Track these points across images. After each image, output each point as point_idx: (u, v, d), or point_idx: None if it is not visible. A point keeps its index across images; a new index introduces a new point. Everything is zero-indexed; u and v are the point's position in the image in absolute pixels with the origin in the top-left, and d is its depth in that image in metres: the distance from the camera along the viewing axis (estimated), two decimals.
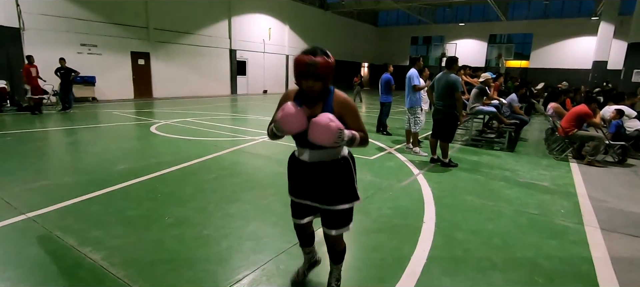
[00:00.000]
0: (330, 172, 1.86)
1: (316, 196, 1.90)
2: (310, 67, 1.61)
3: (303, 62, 1.61)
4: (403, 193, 4.11)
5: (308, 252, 2.25)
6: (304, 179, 1.91)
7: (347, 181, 1.89)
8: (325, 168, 1.85)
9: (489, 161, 5.82)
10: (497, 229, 3.21)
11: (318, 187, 1.88)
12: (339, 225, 1.92)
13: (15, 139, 6.50)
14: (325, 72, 1.63)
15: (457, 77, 5.15)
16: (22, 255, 2.57)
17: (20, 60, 11.41)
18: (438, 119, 5.37)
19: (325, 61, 1.62)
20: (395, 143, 7.00)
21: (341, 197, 1.88)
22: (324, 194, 1.88)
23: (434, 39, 30.70)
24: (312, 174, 1.87)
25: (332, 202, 1.87)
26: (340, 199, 1.88)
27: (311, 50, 1.64)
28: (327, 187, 1.86)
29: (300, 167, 1.91)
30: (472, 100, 7.24)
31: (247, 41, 19.77)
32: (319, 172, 1.86)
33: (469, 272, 2.49)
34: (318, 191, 1.88)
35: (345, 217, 1.91)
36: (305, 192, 1.92)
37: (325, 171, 1.85)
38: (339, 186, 1.87)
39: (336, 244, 2.01)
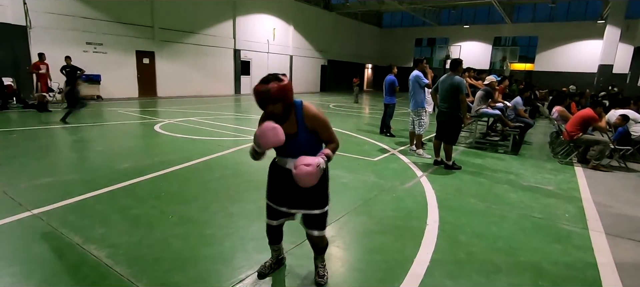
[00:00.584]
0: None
1: (297, 202, 2.07)
2: (264, 95, 1.80)
3: (258, 92, 1.81)
4: (406, 195, 4.10)
5: (276, 249, 2.41)
6: (286, 186, 2.04)
7: (324, 186, 2.09)
8: None
9: (493, 163, 5.79)
10: (501, 232, 3.19)
11: (300, 194, 2.02)
12: (320, 226, 2.13)
13: (21, 136, 6.56)
14: (280, 94, 1.81)
15: (461, 79, 5.14)
16: (27, 251, 2.59)
17: (26, 59, 11.50)
18: (442, 121, 5.35)
19: (277, 85, 1.79)
20: (399, 145, 6.98)
21: (321, 201, 2.08)
22: (306, 200, 2.05)
23: (438, 41, 30.62)
24: (289, 181, 1.97)
25: (315, 206, 2.07)
26: (318, 204, 2.07)
27: (264, 79, 1.83)
28: (309, 194, 2.02)
29: (282, 174, 2.04)
30: (476, 103, 7.21)
31: (251, 41, 19.81)
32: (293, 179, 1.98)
33: (473, 276, 2.48)
34: (300, 198, 2.04)
35: (322, 220, 2.13)
36: (286, 199, 2.08)
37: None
38: (319, 192, 2.05)
39: (320, 242, 2.21)
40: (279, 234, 2.31)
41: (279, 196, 2.09)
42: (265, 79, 1.83)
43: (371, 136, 7.87)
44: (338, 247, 2.84)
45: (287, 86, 1.84)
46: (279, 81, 1.82)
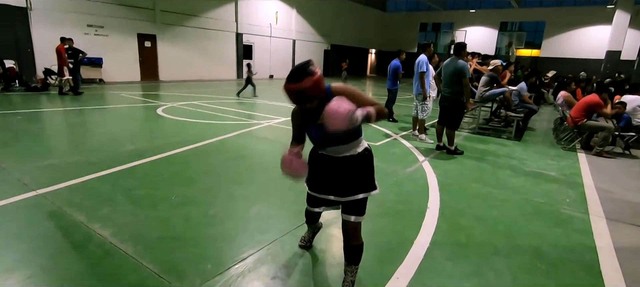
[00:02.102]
0: (355, 165, 1.89)
1: (338, 189, 1.93)
2: (299, 95, 1.65)
3: (292, 92, 1.65)
4: (408, 179, 4.12)
5: (313, 228, 2.50)
6: (327, 174, 1.94)
7: (368, 171, 1.95)
8: (350, 161, 1.88)
9: (495, 149, 5.78)
10: (501, 216, 3.21)
11: (341, 181, 1.91)
12: (357, 212, 1.93)
13: (25, 119, 6.59)
14: (315, 90, 1.64)
15: (465, 63, 5.08)
16: (34, 229, 2.63)
17: (27, 41, 11.47)
18: (445, 106, 5.32)
19: (310, 82, 1.61)
20: (401, 130, 6.97)
21: (361, 187, 1.92)
22: (346, 186, 1.91)
23: (443, 25, 30.16)
24: (336, 168, 1.90)
25: (353, 192, 1.91)
26: (360, 188, 1.92)
27: (295, 75, 1.63)
28: (350, 180, 1.90)
29: (324, 162, 1.92)
30: (481, 87, 7.15)
31: (253, 25, 19.61)
32: (344, 166, 1.89)
33: (472, 257, 2.50)
34: (340, 184, 1.92)
35: (363, 205, 1.95)
36: (327, 187, 1.96)
37: (350, 164, 1.89)
38: (361, 177, 1.92)
39: (355, 235, 1.98)
40: (318, 215, 2.35)
41: (324, 185, 1.97)
42: (296, 74, 1.62)
43: None
44: (339, 228, 2.86)
45: (319, 79, 1.64)
46: (311, 75, 1.61)
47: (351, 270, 2.04)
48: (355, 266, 2.03)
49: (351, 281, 2.04)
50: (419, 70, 6.00)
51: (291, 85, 1.62)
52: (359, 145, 1.90)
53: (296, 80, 1.61)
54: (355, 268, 2.04)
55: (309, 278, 2.22)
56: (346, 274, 2.06)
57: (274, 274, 2.23)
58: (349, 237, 1.99)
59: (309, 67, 1.63)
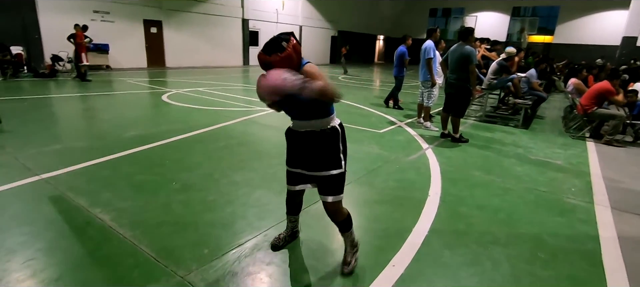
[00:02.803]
0: (318, 141, 1.94)
1: (307, 163, 2.00)
2: (267, 67, 1.72)
3: (261, 62, 1.75)
4: (410, 167, 4.08)
5: (293, 220, 2.37)
6: (296, 148, 2.03)
7: (333, 149, 1.96)
8: (314, 137, 1.94)
9: (501, 137, 5.69)
10: (503, 204, 3.17)
11: (308, 155, 1.98)
12: (331, 191, 1.98)
13: (31, 104, 6.67)
14: (284, 65, 1.69)
15: (472, 49, 4.96)
16: (36, 213, 2.67)
17: (35, 27, 11.54)
18: (450, 93, 5.22)
19: (278, 58, 1.69)
20: (406, 117, 6.89)
21: (328, 163, 1.96)
22: (313, 161, 1.98)
23: (454, 11, 29.48)
24: (303, 143, 1.98)
25: (321, 168, 1.96)
26: (328, 165, 1.96)
27: (267, 47, 1.72)
28: (315, 155, 1.96)
29: (293, 137, 2.03)
30: (490, 75, 7.01)
31: (259, 11, 19.42)
32: (309, 141, 1.95)
33: (471, 246, 2.48)
34: (308, 159, 1.99)
35: (336, 184, 1.98)
36: (298, 160, 2.04)
37: (314, 140, 1.94)
38: (325, 153, 1.95)
39: (336, 213, 2.05)
40: (298, 204, 2.28)
41: (293, 158, 2.06)
42: (268, 46, 1.72)
43: (379, 109, 7.78)
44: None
45: (289, 55, 1.71)
46: (281, 51, 1.69)
47: (347, 236, 2.15)
48: (348, 232, 2.14)
49: (351, 243, 2.16)
50: (426, 56, 5.88)
51: (262, 56, 1.74)
52: (326, 122, 1.93)
53: (266, 52, 1.72)
54: (349, 234, 2.15)
55: (304, 264, 2.22)
56: (345, 241, 2.18)
57: (270, 260, 2.24)
58: (331, 217, 2.08)
59: (282, 43, 1.70)
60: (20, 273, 1.99)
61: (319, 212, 2.86)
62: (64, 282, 1.95)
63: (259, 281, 2.05)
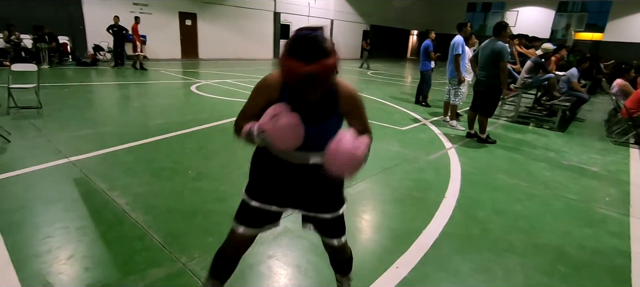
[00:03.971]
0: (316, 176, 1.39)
1: (304, 202, 1.47)
2: (307, 82, 1.08)
3: (296, 75, 1.07)
4: (429, 166, 3.93)
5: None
6: (290, 183, 1.42)
7: (341, 183, 1.52)
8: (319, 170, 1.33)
9: (533, 139, 5.36)
10: (525, 211, 2.98)
11: (309, 193, 1.45)
12: (341, 231, 1.58)
13: (70, 91, 7.10)
14: (329, 77, 1.12)
15: (504, 45, 4.68)
16: (59, 193, 2.83)
17: (80, 19, 12.24)
18: (479, 91, 4.98)
19: (325, 67, 1.07)
20: (432, 115, 6.67)
21: (338, 201, 1.51)
22: (317, 200, 1.47)
23: (494, 6, 28.12)
24: (301, 177, 1.41)
25: (330, 209, 1.49)
26: (338, 203, 1.51)
27: (305, 49, 1.05)
28: (321, 193, 1.46)
29: (283, 168, 1.39)
30: (524, 73, 6.62)
31: (291, 4, 19.49)
32: (313, 176, 1.39)
33: (483, 253, 2.35)
34: (308, 197, 1.46)
35: (342, 222, 1.57)
36: (286, 197, 1.46)
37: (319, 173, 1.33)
38: (335, 190, 1.50)
39: (342, 253, 1.67)
40: (238, 260, 1.61)
41: (284, 193, 1.45)
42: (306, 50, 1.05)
43: (405, 105, 7.59)
44: (348, 213, 2.80)
45: (337, 62, 1.13)
46: (327, 55, 1.07)
47: (348, 279, 1.79)
48: (350, 273, 1.77)
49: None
50: (454, 52, 5.64)
51: (297, 65, 1.05)
52: None
53: (306, 58, 1.04)
54: (350, 276, 1.78)
55: (305, 260, 2.19)
56: (341, 283, 1.80)
57: (271, 253, 2.23)
58: (338, 257, 1.68)
59: (327, 42, 1.09)
60: (36, 248, 2.12)
61: None
62: (74, 260, 2.04)
63: (258, 273, 2.05)
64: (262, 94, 1.30)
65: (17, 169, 3.18)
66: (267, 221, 1.52)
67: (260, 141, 1.21)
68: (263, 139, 1.18)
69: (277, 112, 1.15)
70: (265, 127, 1.16)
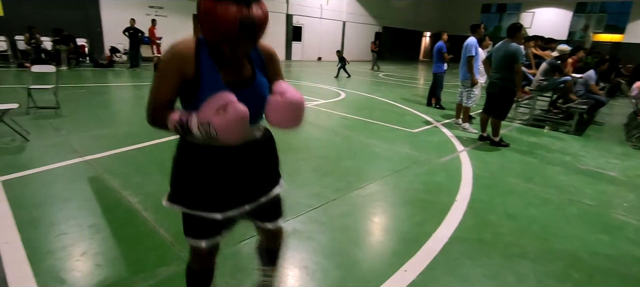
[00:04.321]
0: (263, 150, 1.33)
1: (253, 190, 1.32)
2: (248, 30, 0.99)
3: (235, 20, 0.95)
4: (440, 169, 3.89)
5: None
6: (235, 175, 1.25)
7: (276, 156, 1.42)
8: (258, 147, 1.30)
9: (548, 143, 5.24)
10: (538, 216, 2.91)
11: (255, 177, 1.31)
12: (280, 212, 1.47)
13: (87, 92, 7.27)
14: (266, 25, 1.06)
15: (518, 47, 4.60)
16: (74, 191, 2.90)
17: (97, 21, 12.55)
18: (492, 93, 4.89)
19: (265, 12, 1.03)
20: (444, 118, 6.59)
21: (274, 178, 1.41)
22: (263, 181, 1.35)
23: (510, 7, 27.65)
24: (246, 162, 1.26)
25: (272, 185, 1.38)
26: (277, 178, 1.42)
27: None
28: (261, 172, 1.34)
29: (227, 158, 1.21)
30: (539, 75, 6.49)
31: (304, 6, 19.57)
32: (252, 155, 1.28)
33: (495, 257, 2.30)
34: (255, 182, 1.32)
35: (281, 203, 1.47)
36: (238, 193, 1.28)
37: (258, 151, 1.30)
38: (272, 165, 1.39)
39: (281, 237, 1.57)
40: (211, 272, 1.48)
41: (230, 191, 1.25)
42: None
43: (416, 107, 7.52)
44: (351, 217, 2.80)
45: None
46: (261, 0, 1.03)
47: (275, 269, 1.67)
48: (277, 264, 1.67)
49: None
50: (467, 54, 5.57)
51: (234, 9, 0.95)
52: (260, 124, 1.32)
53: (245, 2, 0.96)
54: (277, 267, 1.69)
55: (314, 261, 2.19)
56: (267, 276, 1.66)
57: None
58: (278, 244, 1.56)
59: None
60: (51, 245, 2.17)
61: (337, 210, 2.83)
62: (87, 257, 2.09)
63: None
64: (173, 71, 1.09)
65: (35, 167, 3.27)
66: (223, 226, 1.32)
67: (202, 134, 1.01)
68: (206, 132, 1.00)
69: (224, 102, 0.98)
70: (212, 121, 0.97)
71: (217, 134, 0.99)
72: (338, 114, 6.50)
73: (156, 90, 1.11)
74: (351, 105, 7.56)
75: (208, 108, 0.98)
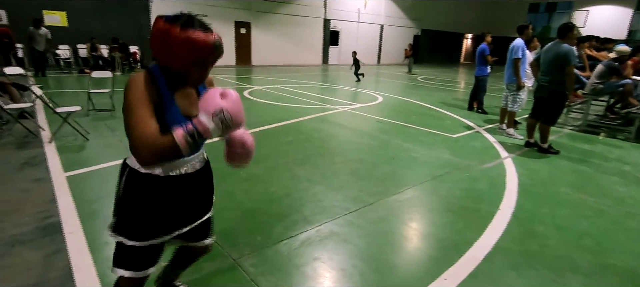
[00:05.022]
0: (209, 175, 1.46)
1: (192, 215, 1.39)
2: (218, 51, 1.14)
3: (209, 45, 1.09)
4: (482, 176, 3.74)
5: None
6: (187, 200, 1.34)
7: (212, 181, 1.52)
8: (205, 172, 1.42)
9: (604, 151, 4.87)
10: (591, 229, 2.72)
11: (197, 202, 1.40)
12: (211, 230, 1.57)
13: None
14: None
15: (570, 48, 4.33)
16: None
17: (148, 29, 13.40)
18: (541, 97, 4.63)
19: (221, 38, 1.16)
20: (487, 122, 6.33)
21: (211, 201, 1.52)
22: (202, 206, 1.43)
23: (560, 5, 25.99)
24: (197, 187, 1.37)
25: (210, 208, 1.50)
26: (211, 203, 1.52)
27: (204, 25, 1.11)
28: (206, 197, 1.45)
29: (181, 185, 1.29)
30: (594, 78, 6.05)
31: (341, 10, 19.66)
32: (201, 180, 1.39)
33: (542, 270, 2.19)
34: (196, 207, 1.40)
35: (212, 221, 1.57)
36: (186, 217, 1.36)
37: (206, 175, 1.42)
38: (212, 189, 1.51)
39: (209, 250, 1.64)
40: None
41: (179, 215, 1.33)
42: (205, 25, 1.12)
43: (457, 111, 7.29)
44: (389, 222, 2.78)
45: None
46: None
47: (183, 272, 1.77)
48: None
49: None
50: (513, 56, 5.32)
51: (208, 36, 1.09)
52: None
53: (210, 30, 1.11)
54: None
55: (351, 264, 2.20)
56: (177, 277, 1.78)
57: (318, 255, 2.27)
58: (204, 254, 1.63)
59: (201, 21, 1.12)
60: (108, 237, 2.35)
61: (374, 214, 2.83)
62: None
63: (304, 274, 2.10)
64: (146, 97, 1.09)
65: (94, 164, 3.57)
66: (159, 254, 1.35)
67: (217, 125, 1.03)
68: (222, 119, 1.02)
69: (219, 91, 1.05)
70: (223, 106, 1.02)
71: (232, 116, 1.03)
72: (375, 117, 6.46)
73: (141, 124, 1.03)
74: (388, 109, 7.48)
75: (210, 99, 1.03)
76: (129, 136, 1.07)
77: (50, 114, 5.33)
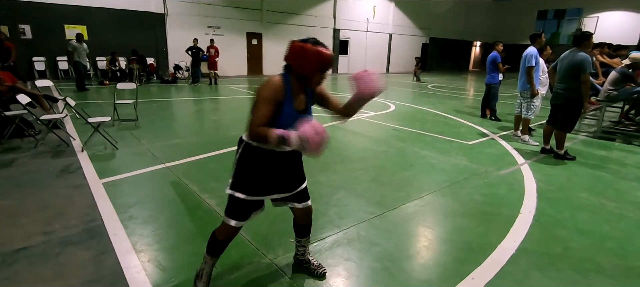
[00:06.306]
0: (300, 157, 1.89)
1: (288, 184, 1.85)
2: (332, 62, 1.65)
3: (330, 57, 1.60)
4: (500, 182, 3.82)
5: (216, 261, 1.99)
6: (280, 170, 1.79)
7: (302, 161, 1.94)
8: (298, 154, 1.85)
9: (621, 157, 4.90)
10: (613, 232, 2.78)
11: (292, 174, 1.86)
12: (308, 196, 1.99)
13: (158, 106, 8.03)
14: None
15: (586, 56, 4.40)
16: (161, 193, 3.28)
17: (163, 41, 13.77)
18: (557, 104, 4.70)
19: None
20: (501, 129, 6.39)
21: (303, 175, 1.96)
22: (297, 178, 1.89)
23: (569, 12, 25.89)
24: (290, 161, 1.81)
25: (302, 182, 1.92)
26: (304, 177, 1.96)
27: (321, 43, 1.61)
28: (299, 170, 1.90)
29: (276, 158, 1.74)
30: (607, 85, 6.09)
31: (350, 20, 19.91)
32: (294, 157, 1.83)
33: (566, 271, 2.26)
34: (291, 178, 1.86)
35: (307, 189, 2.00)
36: (278, 185, 1.82)
37: (298, 156, 1.87)
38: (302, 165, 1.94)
39: (311, 214, 2.05)
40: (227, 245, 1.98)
41: (275, 183, 1.80)
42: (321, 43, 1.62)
43: (470, 119, 7.36)
44: (413, 225, 2.88)
45: None
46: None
47: (308, 240, 2.15)
48: (309, 235, 2.15)
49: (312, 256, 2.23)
50: (526, 64, 5.40)
51: (328, 51, 1.60)
52: None
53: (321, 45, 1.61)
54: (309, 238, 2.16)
55: (381, 265, 2.30)
56: (303, 246, 2.15)
57: (348, 256, 2.38)
58: (307, 218, 2.04)
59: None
60: (150, 239, 2.50)
61: (398, 218, 2.93)
62: (179, 251, 2.38)
63: (336, 274, 2.21)
64: (273, 99, 1.59)
65: (126, 171, 3.74)
66: (256, 209, 1.86)
67: (295, 143, 1.44)
68: (303, 144, 1.42)
69: (315, 125, 1.42)
70: (310, 138, 1.40)
71: (310, 146, 1.41)
72: (390, 125, 6.57)
73: (260, 113, 1.57)
74: (402, 117, 7.58)
75: (309, 129, 1.41)
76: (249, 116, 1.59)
77: (78, 124, 5.57)
